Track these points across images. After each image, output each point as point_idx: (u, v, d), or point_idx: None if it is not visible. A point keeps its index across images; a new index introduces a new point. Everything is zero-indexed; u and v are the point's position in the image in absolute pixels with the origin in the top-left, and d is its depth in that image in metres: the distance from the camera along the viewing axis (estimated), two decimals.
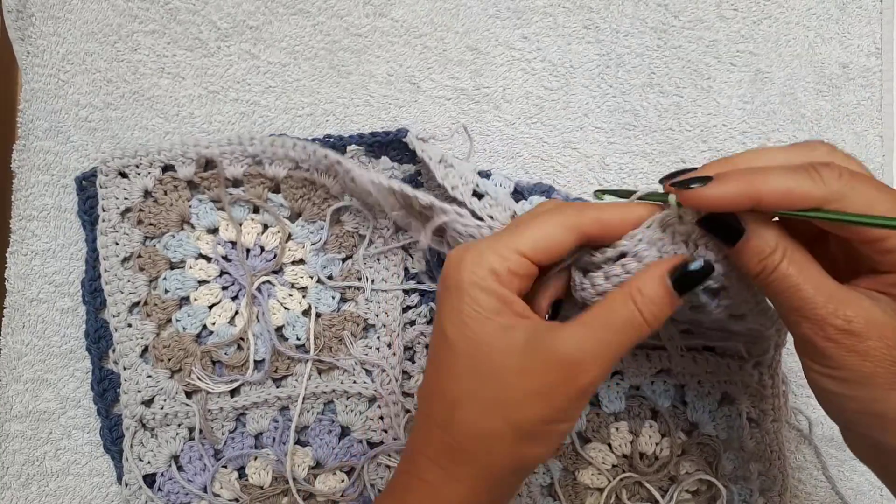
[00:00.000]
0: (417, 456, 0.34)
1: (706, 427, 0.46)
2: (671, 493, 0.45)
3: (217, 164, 0.46)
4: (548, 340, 0.31)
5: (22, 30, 0.50)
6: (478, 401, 0.32)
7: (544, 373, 0.31)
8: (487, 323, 0.32)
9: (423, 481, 0.33)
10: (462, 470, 0.32)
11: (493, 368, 0.32)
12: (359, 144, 0.48)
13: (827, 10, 0.53)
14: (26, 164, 0.49)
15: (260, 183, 0.47)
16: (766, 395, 0.45)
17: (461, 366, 0.32)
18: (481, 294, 0.32)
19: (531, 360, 0.31)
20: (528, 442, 0.32)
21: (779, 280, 0.30)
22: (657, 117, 0.52)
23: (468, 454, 0.32)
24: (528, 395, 0.31)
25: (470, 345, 0.32)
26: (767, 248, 0.30)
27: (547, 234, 0.33)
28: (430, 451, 0.33)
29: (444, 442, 0.33)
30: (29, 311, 0.48)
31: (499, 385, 0.32)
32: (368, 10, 0.52)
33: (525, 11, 0.52)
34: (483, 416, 0.32)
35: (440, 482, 0.33)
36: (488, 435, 0.32)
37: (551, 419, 0.31)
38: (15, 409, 0.48)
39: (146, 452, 0.46)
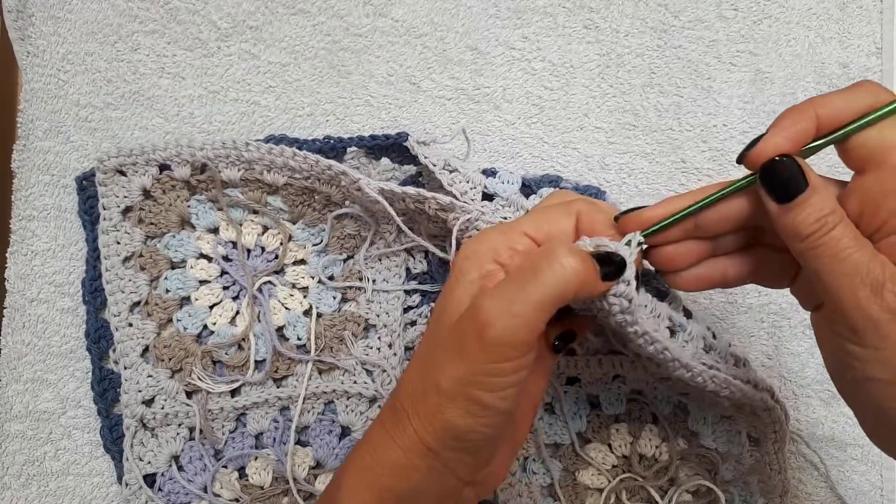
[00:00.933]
0: (371, 425, 0.35)
1: (706, 439, 0.45)
2: (671, 494, 0.45)
3: (211, 167, 0.46)
4: (475, 301, 0.31)
5: (22, 30, 0.50)
6: (419, 364, 0.33)
7: (462, 332, 0.31)
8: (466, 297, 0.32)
9: (367, 442, 0.34)
10: (397, 430, 0.32)
11: (439, 334, 0.32)
12: (359, 147, 0.48)
13: (827, 10, 0.53)
14: (26, 164, 0.49)
15: (258, 187, 0.46)
16: (763, 421, 0.44)
17: (431, 330, 0.33)
18: (473, 269, 0.32)
19: (459, 323, 0.31)
20: (448, 405, 0.30)
21: (833, 241, 0.29)
22: (657, 117, 0.52)
23: (403, 414, 0.32)
24: (448, 352, 0.31)
25: (443, 313, 0.32)
26: (828, 206, 0.30)
27: (550, 218, 0.34)
28: (380, 415, 0.34)
29: (390, 404, 0.34)
30: (29, 311, 0.48)
31: (435, 347, 0.32)
32: (368, 10, 0.52)
33: (525, 11, 0.52)
34: (417, 376, 0.33)
35: (379, 441, 0.33)
36: (417, 394, 0.32)
37: (466, 380, 0.30)
38: (15, 410, 0.48)
39: (146, 452, 0.46)
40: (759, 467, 0.45)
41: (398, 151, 0.48)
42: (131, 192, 0.47)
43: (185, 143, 0.46)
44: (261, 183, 0.46)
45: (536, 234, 0.33)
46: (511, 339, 0.29)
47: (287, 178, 0.46)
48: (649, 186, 0.51)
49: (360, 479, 0.33)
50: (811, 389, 0.50)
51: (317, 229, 0.47)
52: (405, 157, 0.48)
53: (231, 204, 0.47)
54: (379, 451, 0.33)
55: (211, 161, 0.45)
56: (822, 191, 0.30)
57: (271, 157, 0.44)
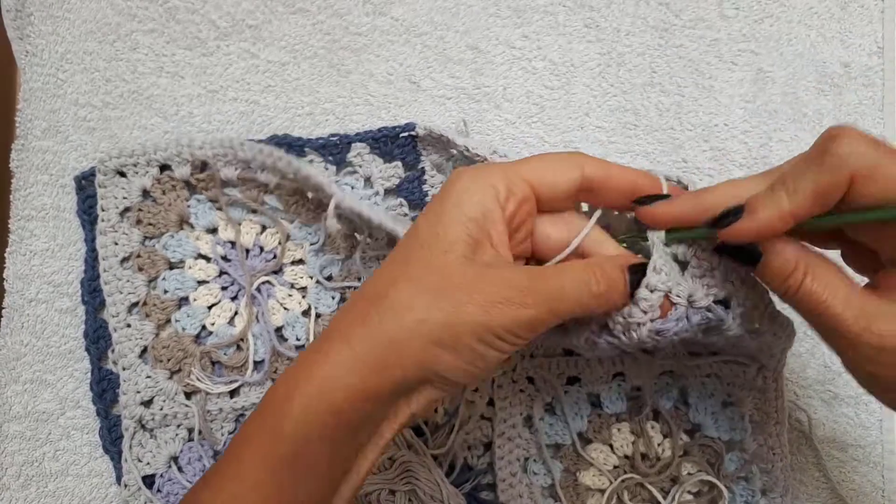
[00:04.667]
0: (331, 332, 0.31)
1: (708, 429, 0.46)
2: (673, 494, 0.45)
3: (211, 165, 0.46)
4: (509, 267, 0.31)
5: (20, 29, 0.50)
6: (415, 285, 0.30)
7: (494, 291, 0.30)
8: (461, 231, 0.31)
9: (324, 356, 0.30)
10: (368, 351, 0.30)
11: (447, 265, 0.30)
12: (364, 142, 0.48)
13: (828, 9, 0.53)
14: (25, 163, 0.49)
15: (255, 186, 0.46)
16: (768, 398, 0.45)
17: (415, 255, 0.31)
18: (469, 200, 0.31)
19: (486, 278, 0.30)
20: (448, 347, 0.30)
21: (805, 298, 0.30)
22: (658, 117, 0.52)
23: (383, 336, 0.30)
24: (471, 303, 0.29)
25: (433, 240, 0.31)
26: (788, 266, 0.30)
27: (554, 168, 0.33)
28: (344, 326, 0.31)
29: (353, 322, 0.31)
30: (28, 311, 0.48)
31: (445, 280, 0.30)
32: (368, 9, 0.51)
33: (526, 10, 0.52)
34: (414, 301, 0.30)
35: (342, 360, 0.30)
36: (413, 320, 0.30)
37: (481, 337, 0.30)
38: (14, 410, 0.47)
39: (145, 453, 0.46)
40: (762, 453, 0.45)
41: (402, 149, 0.48)
42: (130, 193, 0.47)
43: (185, 142, 0.46)
44: (257, 182, 0.46)
45: (539, 184, 0.32)
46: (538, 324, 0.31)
47: (278, 179, 0.45)
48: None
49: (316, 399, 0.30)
50: (812, 390, 0.50)
51: (314, 228, 0.47)
52: (408, 154, 0.48)
53: (230, 203, 0.47)
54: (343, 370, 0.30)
55: (210, 159, 0.45)
56: (777, 254, 0.30)
57: (262, 158, 0.44)
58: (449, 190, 0.32)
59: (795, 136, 0.52)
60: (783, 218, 0.29)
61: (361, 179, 0.48)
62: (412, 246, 0.32)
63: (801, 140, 0.52)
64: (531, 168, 0.32)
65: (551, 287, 0.31)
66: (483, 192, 0.31)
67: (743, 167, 0.51)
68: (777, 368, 0.45)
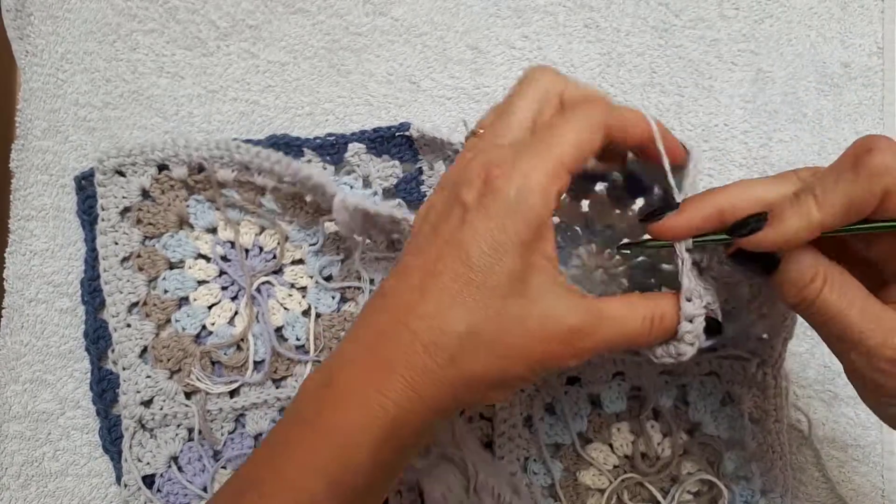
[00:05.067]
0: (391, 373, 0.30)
1: (708, 427, 0.46)
2: (672, 493, 0.45)
3: (207, 167, 0.46)
4: (563, 311, 0.30)
5: (20, 29, 0.50)
6: (478, 338, 0.29)
7: (550, 344, 0.30)
8: (518, 260, 0.29)
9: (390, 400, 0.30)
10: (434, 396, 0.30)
11: (506, 313, 0.29)
12: (361, 141, 0.48)
13: (828, 10, 0.53)
14: (25, 163, 0.49)
15: (252, 189, 0.46)
16: (768, 395, 0.45)
17: (473, 296, 0.29)
18: (524, 226, 0.29)
19: (545, 327, 0.29)
20: (499, 389, 0.31)
21: (822, 310, 0.29)
22: (658, 117, 0.51)
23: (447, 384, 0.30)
24: (527, 356, 0.30)
25: (492, 278, 0.29)
26: (807, 276, 0.29)
27: (587, 139, 0.30)
28: (407, 372, 0.30)
29: (426, 367, 0.29)
30: (28, 311, 0.48)
31: (505, 333, 0.29)
32: (368, 9, 0.51)
33: (526, 10, 0.52)
34: (478, 356, 0.29)
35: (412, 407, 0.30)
36: (476, 374, 0.30)
37: (527, 379, 0.31)
38: (14, 410, 0.47)
39: (145, 453, 0.46)
40: (761, 452, 0.45)
41: (399, 148, 0.48)
42: (130, 193, 0.47)
43: (182, 143, 0.46)
44: (253, 185, 0.46)
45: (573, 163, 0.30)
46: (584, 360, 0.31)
47: (275, 182, 0.45)
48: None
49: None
50: (812, 390, 0.50)
51: (312, 230, 0.47)
52: (406, 154, 0.48)
53: (227, 204, 0.47)
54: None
55: (206, 161, 0.45)
56: (797, 262, 0.29)
57: (259, 161, 0.44)
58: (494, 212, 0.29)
59: (795, 136, 0.52)
60: (811, 229, 0.28)
61: (360, 179, 0.48)
62: (466, 280, 0.29)
63: (801, 140, 0.52)
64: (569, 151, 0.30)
65: (601, 341, 0.30)
66: (534, 208, 0.29)
67: (743, 167, 0.51)
68: (777, 363, 0.45)
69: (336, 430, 0.30)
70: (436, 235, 0.31)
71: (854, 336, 0.28)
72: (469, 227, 0.29)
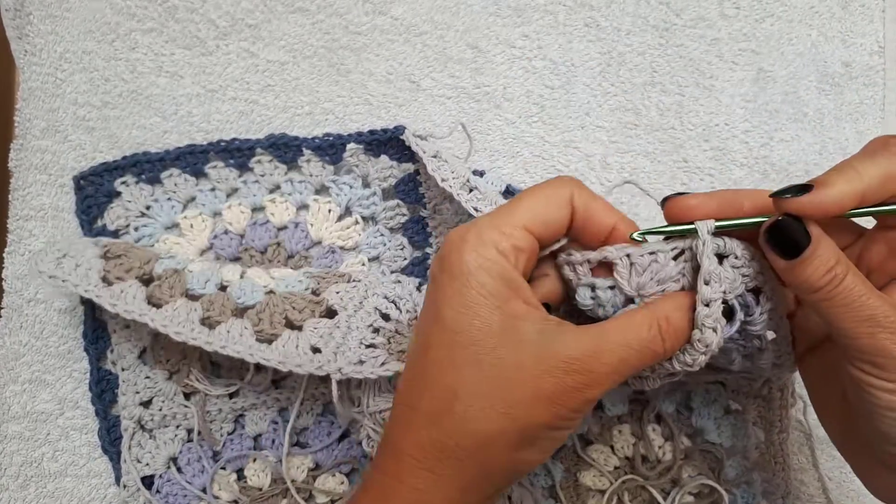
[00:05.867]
0: (400, 455, 0.31)
1: (710, 434, 0.45)
2: (673, 496, 0.45)
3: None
4: (562, 343, 0.30)
5: (19, 28, 0.50)
6: (481, 397, 0.30)
7: (555, 377, 0.29)
8: (495, 312, 0.30)
9: (406, 485, 0.30)
10: (453, 472, 0.30)
11: (501, 363, 0.30)
12: (357, 143, 0.48)
13: (829, 9, 0.52)
14: (24, 163, 0.49)
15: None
16: (773, 406, 0.45)
17: (462, 356, 0.30)
18: (489, 278, 0.30)
19: (544, 361, 0.29)
20: (528, 446, 0.30)
21: (845, 291, 0.29)
22: (659, 116, 0.51)
23: (463, 455, 0.30)
24: (538, 398, 0.29)
25: (474, 333, 0.30)
26: (834, 257, 0.29)
27: (546, 204, 0.32)
28: (416, 451, 0.30)
29: (434, 440, 0.30)
30: (27, 311, 0.48)
31: (506, 382, 0.29)
32: (368, 8, 0.51)
33: (526, 9, 0.52)
34: (486, 414, 0.29)
35: (427, 487, 0.30)
36: (490, 435, 0.29)
37: (555, 426, 0.30)
38: (13, 410, 0.47)
39: (144, 454, 0.46)
40: (764, 461, 0.45)
41: (397, 149, 0.47)
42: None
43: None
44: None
45: (535, 226, 0.31)
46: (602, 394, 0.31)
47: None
48: (651, 185, 0.51)
49: None
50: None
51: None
52: (403, 154, 0.48)
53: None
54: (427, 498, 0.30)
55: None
56: (825, 242, 0.30)
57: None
58: (457, 271, 0.30)
59: (796, 135, 0.51)
60: (854, 196, 0.29)
61: (359, 179, 0.48)
62: (451, 344, 0.30)
63: (802, 139, 0.51)
64: (524, 212, 0.31)
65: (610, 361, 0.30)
66: (494, 262, 0.30)
67: (744, 167, 0.51)
68: (783, 381, 0.44)
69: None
70: (422, 317, 0.32)
71: (880, 315, 0.29)
72: (440, 294, 0.31)
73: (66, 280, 0.41)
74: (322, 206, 0.48)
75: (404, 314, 0.43)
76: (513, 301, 0.30)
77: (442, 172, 0.43)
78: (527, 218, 0.31)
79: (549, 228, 0.32)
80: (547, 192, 0.32)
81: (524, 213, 0.31)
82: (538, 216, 0.31)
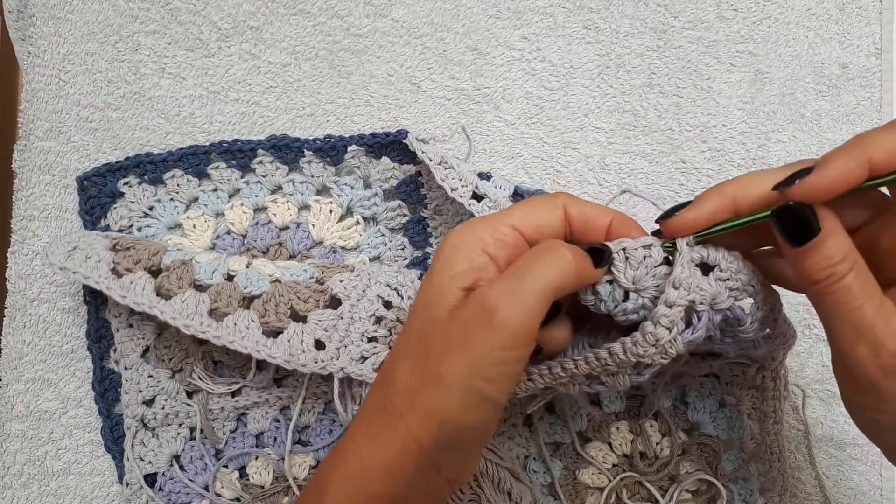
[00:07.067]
0: (354, 421, 0.34)
1: (707, 427, 0.46)
2: (671, 492, 0.45)
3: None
4: (478, 292, 0.31)
5: (23, 30, 0.50)
6: (412, 357, 0.32)
7: (465, 321, 0.30)
8: (447, 283, 0.31)
9: (352, 442, 0.33)
10: (387, 431, 0.31)
11: (432, 326, 0.31)
12: (359, 145, 0.48)
13: (826, 11, 0.53)
14: (27, 164, 0.49)
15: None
16: (767, 397, 0.45)
17: (412, 332, 0.32)
18: (457, 260, 0.32)
19: (459, 313, 0.31)
20: (451, 398, 0.30)
21: (840, 292, 0.29)
22: (657, 118, 0.52)
23: (394, 412, 0.31)
24: (450, 345, 0.30)
25: (426, 310, 0.32)
26: (839, 254, 0.29)
27: (537, 210, 0.33)
28: (363, 412, 0.33)
29: (377, 401, 0.33)
30: (30, 310, 0.48)
31: (430, 339, 0.31)
32: (369, 11, 0.52)
33: (525, 12, 0.52)
34: (412, 378, 0.31)
35: (365, 443, 0.32)
36: (413, 389, 0.31)
37: (471, 371, 0.30)
38: (16, 409, 0.48)
39: (147, 452, 0.46)
40: (759, 452, 0.46)
41: (398, 151, 0.48)
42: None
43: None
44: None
45: (524, 227, 0.32)
46: (518, 327, 0.29)
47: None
48: (649, 186, 0.51)
49: (346, 486, 0.32)
50: (810, 389, 0.50)
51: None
52: (405, 156, 0.48)
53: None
54: (365, 454, 0.32)
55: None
56: (835, 237, 0.29)
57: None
58: (439, 253, 0.33)
59: (793, 136, 0.52)
60: (862, 165, 0.28)
61: (360, 181, 0.49)
62: (412, 318, 0.33)
63: (800, 140, 0.52)
64: (515, 214, 0.33)
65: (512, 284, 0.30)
66: (469, 245, 0.32)
67: (741, 167, 0.52)
68: (777, 369, 0.45)
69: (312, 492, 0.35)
70: None
71: (866, 327, 0.28)
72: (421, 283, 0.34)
73: (76, 272, 0.42)
74: (323, 207, 0.48)
75: (405, 300, 0.43)
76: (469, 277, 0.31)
77: (451, 182, 0.43)
78: (516, 219, 0.33)
79: (540, 231, 0.33)
80: (537, 200, 0.34)
81: (514, 214, 0.33)
82: (527, 219, 0.33)
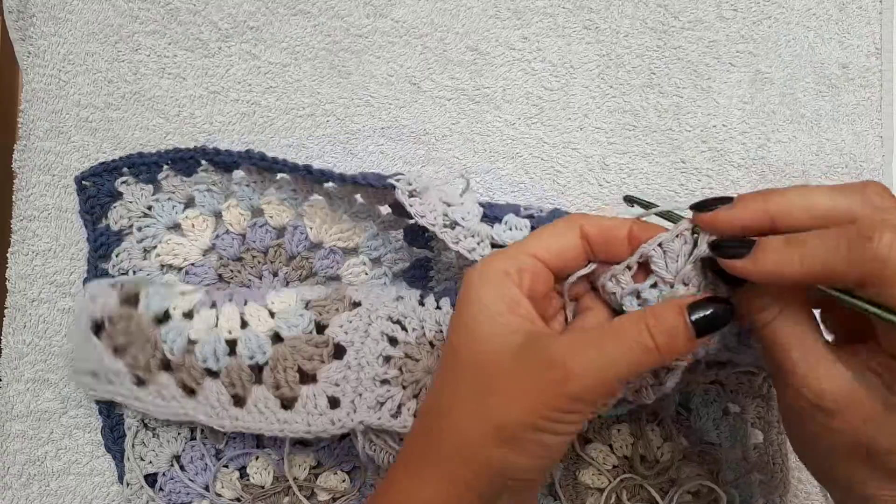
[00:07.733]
0: (394, 465, 0.34)
1: (709, 435, 0.45)
2: (671, 494, 0.45)
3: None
4: (543, 343, 0.30)
5: (23, 30, 0.50)
6: (465, 406, 0.31)
7: (533, 374, 0.30)
8: (489, 324, 0.31)
9: (392, 486, 0.33)
10: (431, 473, 0.31)
11: (485, 372, 0.31)
12: (338, 183, 0.43)
13: (826, 11, 0.53)
14: (27, 164, 0.49)
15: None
16: (772, 406, 0.45)
17: (459, 374, 0.32)
18: (488, 295, 0.31)
19: (522, 362, 0.30)
20: (510, 446, 0.30)
21: (768, 336, 0.30)
22: (657, 118, 0.52)
23: (441, 457, 0.31)
24: (513, 396, 0.30)
25: (470, 350, 0.31)
26: (763, 304, 0.30)
27: (553, 235, 0.33)
28: (404, 455, 0.33)
29: (420, 446, 0.33)
30: (30, 310, 0.48)
31: (487, 388, 0.31)
32: (369, 11, 0.52)
33: (525, 12, 0.52)
34: (467, 421, 0.31)
35: (408, 485, 0.32)
36: (468, 439, 0.31)
37: (535, 426, 0.30)
38: (16, 409, 0.48)
39: (147, 452, 0.46)
40: (762, 462, 0.45)
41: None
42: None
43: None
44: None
45: (544, 254, 0.33)
46: (591, 396, 0.30)
47: None
48: (649, 187, 0.51)
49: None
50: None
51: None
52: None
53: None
54: (408, 496, 0.32)
55: None
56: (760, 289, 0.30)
57: None
58: (466, 298, 0.32)
59: (793, 136, 0.52)
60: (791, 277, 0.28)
61: None
62: (457, 367, 0.32)
63: (799, 141, 0.52)
64: (532, 242, 0.33)
65: (593, 356, 0.29)
66: (496, 281, 0.32)
67: (741, 168, 0.52)
68: None
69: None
70: None
71: (788, 371, 0.30)
72: (452, 332, 0.33)
73: (113, 398, 0.45)
74: (319, 211, 0.48)
75: (411, 333, 0.42)
76: (507, 315, 0.31)
77: (466, 244, 0.39)
78: (534, 246, 0.33)
79: (560, 256, 0.33)
80: (554, 225, 0.34)
81: (532, 242, 0.33)
82: (543, 244, 0.33)
